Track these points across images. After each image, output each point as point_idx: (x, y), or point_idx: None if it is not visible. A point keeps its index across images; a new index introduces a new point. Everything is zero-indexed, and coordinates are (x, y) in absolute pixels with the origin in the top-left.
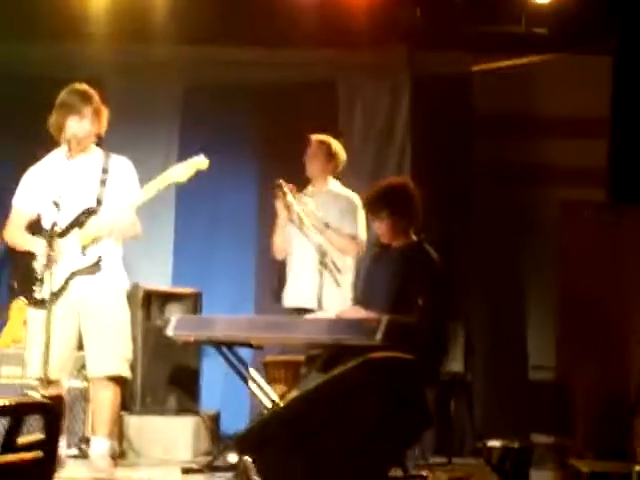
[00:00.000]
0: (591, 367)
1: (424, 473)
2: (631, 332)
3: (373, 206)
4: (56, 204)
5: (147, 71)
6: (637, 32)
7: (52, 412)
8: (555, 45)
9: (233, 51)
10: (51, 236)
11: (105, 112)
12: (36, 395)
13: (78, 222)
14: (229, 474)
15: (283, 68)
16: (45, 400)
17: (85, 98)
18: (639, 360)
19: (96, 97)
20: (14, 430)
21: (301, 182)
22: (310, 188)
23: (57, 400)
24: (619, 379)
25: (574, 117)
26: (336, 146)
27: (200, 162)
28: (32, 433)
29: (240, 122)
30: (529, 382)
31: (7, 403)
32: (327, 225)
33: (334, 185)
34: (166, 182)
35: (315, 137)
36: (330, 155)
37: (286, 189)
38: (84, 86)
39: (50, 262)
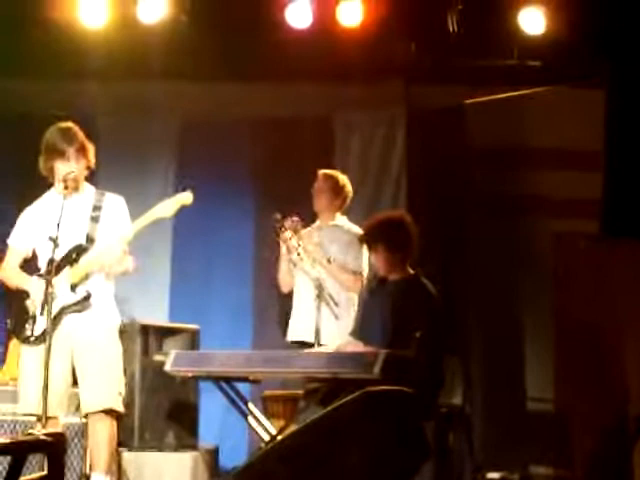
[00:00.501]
0: (589, 398)
1: None
2: (628, 362)
3: (369, 238)
4: (53, 240)
5: (143, 108)
6: (628, 65)
7: (55, 450)
8: (548, 77)
9: (229, 86)
10: (49, 273)
11: (90, 148)
12: (38, 433)
13: (69, 259)
14: None
15: (279, 103)
16: (48, 438)
17: (67, 138)
18: (637, 391)
19: (79, 135)
20: (16, 469)
21: (299, 216)
22: (317, 222)
23: (59, 438)
24: (617, 409)
25: (567, 149)
26: (343, 181)
27: (184, 198)
28: (31, 472)
29: (237, 157)
30: (528, 414)
31: (10, 441)
32: (329, 260)
33: (341, 220)
34: (151, 218)
35: (322, 172)
36: (337, 190)
37: (285, 224)
38: (67, 125)
39: (48, 299)
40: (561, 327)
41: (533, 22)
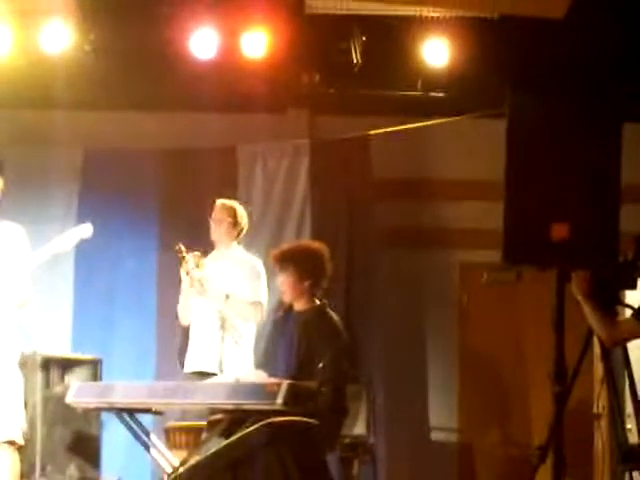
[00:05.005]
0: (492, 427)
1: None
2: (531, 391)
3: (282, 259)
4: None
5: (45, 137)
6: (529, 95)
7: None
8: (452, 109)
9: (134, 116)
10: None
11: None
12: None
13: None
14: None
15: (183, 133)
16: None
17: None
18: (540, 421)
19: None
20: None
21: (203, 247)
22: (214, 252)
23: None
24: (520, 439)
25: (471, 180)
26: (240, 211)
27: (83, 230)
28: None
29: (141, 188)
30: (431, 443)
31: None
32: (227, 296)
33: (237, 250)
34: (50, 252)
35: (220, 202)
36: (234, 220)
37: (186, 255)
38: None
39: None
40: (465, 356)
41: (437, 54)
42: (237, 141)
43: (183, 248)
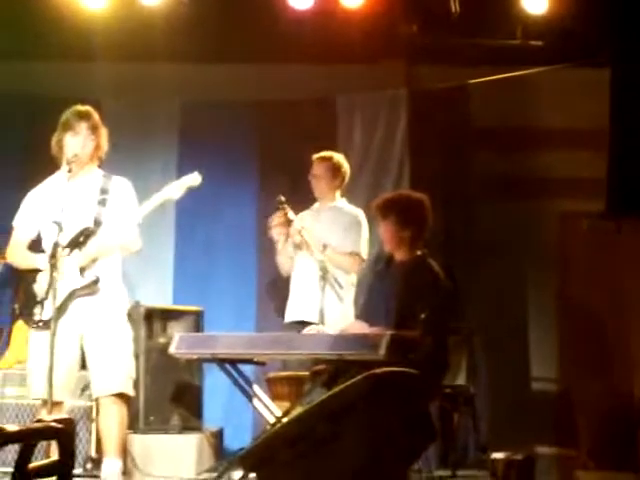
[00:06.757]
0: (594, 378)
1: None
2: (633, 342)
3: (383, 209)
4: (58, 224)
5: (145, 90)
6: (633, 43)
7: (66, 436)
8: (551, 57)
9: (231, 68)
10: (54, 256)
11: (104, 132)
12: (48, 420)
13: (77, 243)
14: None
15: (282, 84)
16: (58, 425)
17: (81, 115)
18: None
19: (94, 115)
20: (26, 456)
21: (301, 199)
22: (316, 205)
23: (69, 424)
24: (622, 389)
25: (572, 128)
26: (339, 160)
27: (193, 180)
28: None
29: (239, 139)
30: (532, 394)
31: (21, 429)
32: (325, 246)
33: (340, 201)
34: (159, 200)
35: (318, 155)
36: (334, 172)
37: (285, 207)
38: (84, 107)
39: (53, 283)
40: (566, 307)
41: (536, 1)
42: (334, 92)
43: (283, 199)
